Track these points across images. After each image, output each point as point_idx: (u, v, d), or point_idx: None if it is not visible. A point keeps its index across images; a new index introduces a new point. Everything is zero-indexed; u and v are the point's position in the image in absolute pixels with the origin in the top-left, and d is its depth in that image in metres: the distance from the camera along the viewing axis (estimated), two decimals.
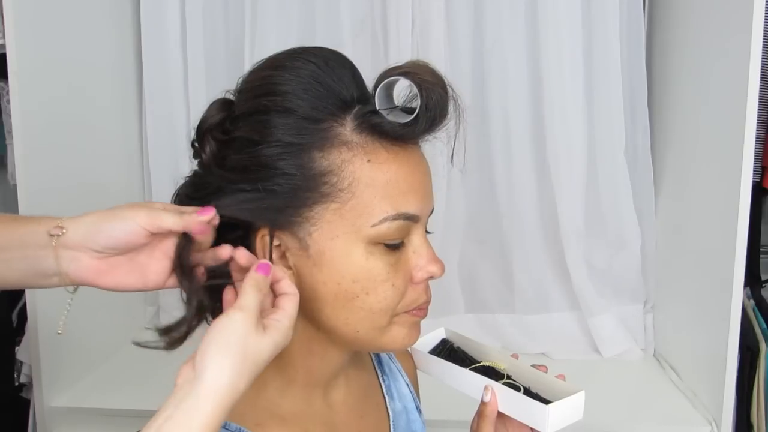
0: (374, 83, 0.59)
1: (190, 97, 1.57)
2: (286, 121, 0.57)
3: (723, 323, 1.17)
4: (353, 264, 0.58)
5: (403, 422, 0.75)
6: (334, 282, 0.58)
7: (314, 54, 0.59)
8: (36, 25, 1.21)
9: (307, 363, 0.64)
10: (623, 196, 1.51)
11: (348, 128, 0.58)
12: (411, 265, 0.61)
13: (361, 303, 0.59)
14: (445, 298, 1.54)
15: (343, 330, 0.60)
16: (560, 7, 1.44)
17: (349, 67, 0.60)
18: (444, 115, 0.57)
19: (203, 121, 0.62)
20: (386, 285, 0.59)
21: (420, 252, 0.61)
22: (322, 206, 0.57)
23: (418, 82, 0.55)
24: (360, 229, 0.57)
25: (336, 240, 0.58)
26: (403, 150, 0.59)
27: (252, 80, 0.61)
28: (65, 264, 0.57)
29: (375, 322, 0.60)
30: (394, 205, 0.58)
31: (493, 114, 1.50)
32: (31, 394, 1.33)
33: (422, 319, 0.64)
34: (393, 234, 0.58)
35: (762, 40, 1.09)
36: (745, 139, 1.11)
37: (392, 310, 0.60)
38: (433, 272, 0.61)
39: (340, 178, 0.57)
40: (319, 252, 0.58)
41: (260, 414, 0.62)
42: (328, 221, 0.58)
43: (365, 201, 0.57)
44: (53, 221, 0.58)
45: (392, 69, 0.58)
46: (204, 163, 0.62)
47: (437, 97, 0.56)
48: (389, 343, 0.62)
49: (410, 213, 0.59)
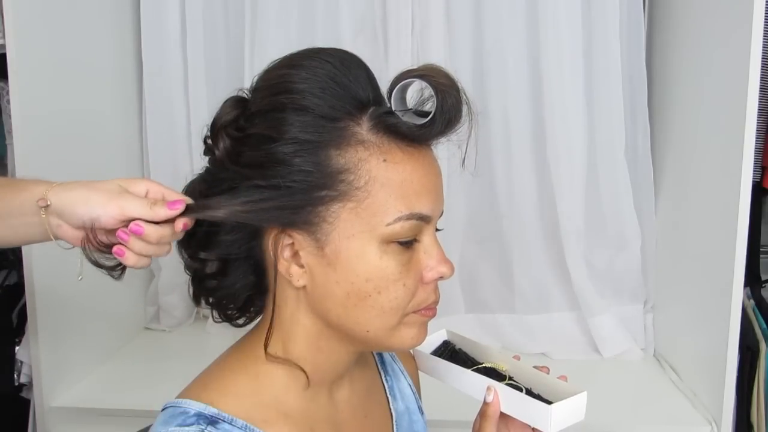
0: (389, 85, 0.59)
1: (190, 97, 1.57)
2: (303, 119, 0.57)
3: (723, 323, 1.17)
4: (367, 263, 0.58)
5: (405, 422, 0.76)
6: (348, 281, 0.59)
7: (330, 54, 0.59)
8: (36, 25, 1.21)
9: (315, 360, 0.64)
10: (623, 196, 1.51)
11: (364, 128, 0.58)
12: (422, 266, 0.61)
13: (373, 302, 0.59)
14: (445, 298, 1.52)
15: (353, 329, 0.61)
16: (560, 7, 1.44)
17: (364, 69, 0.60)
18: (458, 118, 0.58)
19: (218, 117, 0.63)
20: (398, 284, 0.59)
21: (431, 252, 0.61)
22: (339, 205, 0.58)
23: (435, 84, 0.56)
24: (375, 228, 0.58)
25: (351, 239, 0.58)
26: (417, 151, 0.59)
27: (268, 78, 0.61)
28: (53, 229, 0.64)
29: (385, 322, 0.60)
30: (408, 205, 0.58)
31: (493, 114, 1.50)
32: (31, 394, 1.33)
33: (431, 319, 0.64)
34: (406, 233, 0.59)
35: (762, 40, 1.09)
36: (745, 139, 1.11)
37: (403, 309, 0.60)
38: (444, 273, 0.62)
39: (357, 177, 0.57)
40: (334, 251, 0.59)
41: (267, 411, 0.62)
42: (345, 220, 0.58)
43: (380, 200, 0.58)
44: (41, 189, 0.64)
45: (408, 72, 0.58)
46: (217, 159, 0.62)
47: (452, 100, 0.56)
48: (398, 343, 0.62)
49: (423, 213, 0.59)
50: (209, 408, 0.60)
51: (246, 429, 0.60)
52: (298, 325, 0.63)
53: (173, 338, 1.63)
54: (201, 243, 0.63)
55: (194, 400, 0.61)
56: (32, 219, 0.64)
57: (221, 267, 0.63)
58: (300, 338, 0.63)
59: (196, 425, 0.58)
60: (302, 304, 0.62)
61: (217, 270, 0.63)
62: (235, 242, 0.62)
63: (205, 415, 0.59)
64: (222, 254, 0.62)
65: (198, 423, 0.58)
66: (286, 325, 0.64)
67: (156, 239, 0.61)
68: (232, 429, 0.59)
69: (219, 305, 0.66)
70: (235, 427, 0.59)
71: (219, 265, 0.63)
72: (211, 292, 0.65)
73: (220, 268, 0.63)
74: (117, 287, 1.71)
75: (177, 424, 0.58)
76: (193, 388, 0.63)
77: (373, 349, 0.67)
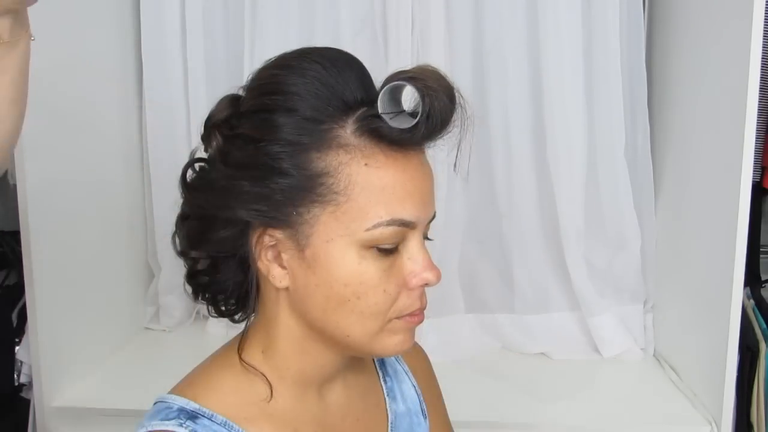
0: (380, 86, 0.58)
1: (190, 97, 1.57)
2: (287, 121, 0.57)
3: (723, 323, 1.17)
4: (345, 267, 0.58)
5: (405, 424, 0.75)
6: (327, 285, 0.58)
7: (321, 54, 0.58)
8: (36, 24, 1.21)
9: (300, 361, 0.64)
10: (623, 195, 1.51)
11: (348, 131, 0.58)
12: (406, 272, 0.60)
13: (352, 307, 0.59)
14: (445, 298, 1.54)
15: (334, 333, 0.61)
16: (560, 7, 1.44)
17: (356, 69, 0.59)
18: (446, 124, 0.57)
19: (211, 115, 0.63)
20: (378, 290, 0.59)
21: (416, 258, 0.60)
22: (319, 208, 0.57)
23: (422, 88, 0.55)
24: (354, 232, 0.57)
25: (330, 243, 0.58)
26: (403, 155, 0.58)
27: (259, 78, 0.61)
28: None
29: (366, 327, 0.60)
30: (389, 210, 0.57)
31: (493, 114, 1.50)
32: (31, 394, 1.33)
33: (417, 326, 0.63)
34: (386, 239, 0.58)
35: (762, 40, 1.09)
36: (745, 139, 1.11)
37: (383, 315, 0.60)
38: (429, 279, 0.61)
39: (337, 180, 0.57)
40: (313, 254, 0.58)
41: (249, 408, 0.62)
42: (324, 223, 0.58)
43: (360, 204, 0.57)
44: None
45: (399, 73, 0.57)
46: (209, 158, 0.62)
47: (441, 105, 0.55)
48: (381, 350, 0.62)
49: (405, 219, 0.58)
50: (191, 403, 0.60)
51: (226, 425, 0.60)
52: (282, 326, 0.63)
53: (173, 338, 1.63)
54: (192, 241, 0.63)
55: (179, 396, 0.61)
56: None
57: (212, 264, 0.63)
58: (284, 339, 0.63)
59: (177, 419, 0.59)
60: (285, 305, 0.62)
61: (209, 267, 0.64)
62: (225, 241, 0.61)
63: (186, 410, 0.60)
64: (212, 252, 0.62)
65: (179, 417, 0.59)
66: (271, 326, 0.64)
67: None
68: (211, 425, 0.59)
69: (214, 301, 0.66)
70: (215, 423, 0.60)
71: (210, 263, 0.63)
72: (204, 288, 0.65)
73: (212, 265, 0.63)
74: (117, 287, 1.71)
75: (160, 418, 0.60)
76: (181, 384, 0.64)
77: (358, 354, 0.65)
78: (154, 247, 1.64)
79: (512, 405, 1.31)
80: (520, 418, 1.26)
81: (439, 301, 1.50)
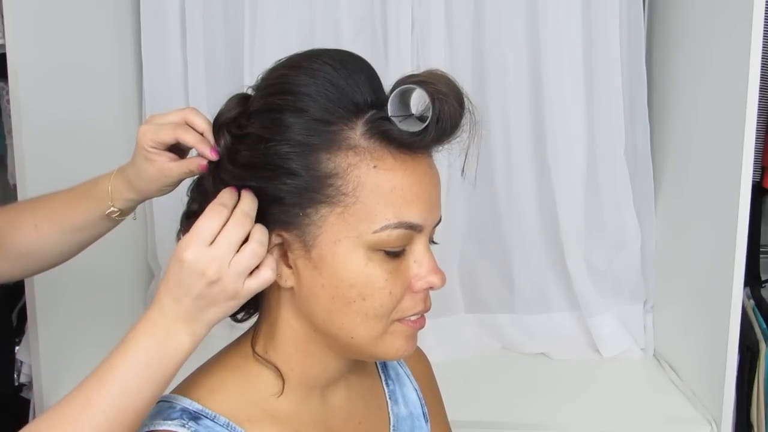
0: (390, 89, 0.59)
1: (190, 97, 1.57)
2: (297, 121, 0.57)
3: (723, 323, 1.17)
4: (352, 269, 0.58)
5: (407, 427, 0.75)
6: (332, 286, 0.58)
7: (332, 56, 0.59)
8: (36, 25, 1.21)
9: (304, 363, 0.64)
10: (623, 195, 1.51)
11: (358, 132, 0.58)
12: (411, 274, 0.60)
13: (357, 308, 0.59)
14: (445, 298, 1.54)
15: (338, 334, 0.60)
16: (560, 6, 1.44)
17: (366, 71, 0.60)
18: (455, 128, 0.57)
19: (220, 114, 0.63)
20: (383, 292, 0.59)
21: (421, 262, 0.60)
22: (327, 209, 0.58)
23: (432, 92, 0.55)
24: (362, 234, 0.57)
25: (338, 244, 0.58)
26: (411, 159, 0.59)
27: (269, 78, 0.61)
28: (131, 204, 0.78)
29: (370, 329, 0.60)
30: (397, 213, 0.57)
31: (493, 114, 1.50)
32: (31, 394, 1.33)
33: (419, 330, 0.64)
34: (394, 242, 0.58)
35: (762, 40, 1.09)
36: (745, 139, 1.11)
37: (387, 317, 0.60)
38: (434, 283, 0.61)
39: (345, 182, 0.57)
40: (320, 255, 0.58)
41: (252, 410, 0.62)
42: (332, 224, 0.58)
43: (368, 206, 0.57)
44: (103, 202, 0.76)
45: (409, 77, 0.57)
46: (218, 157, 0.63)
47: (450, 109, 0.55)
48: (384, 353, 0.62)
49: (413, 222, 0.58)
50: (194, 404, 0.61)
51: (228, 426, 0.60)
52: (286, 327, 0.63)
53: None
54: None
55: (183, 396, 0.62)
56: (105, 224, 0.79)
57: None
58: (288, 340, 0.63)
59: (179, 420, 0.59)
60: (290, 305, 0.62)
61: None
62: None
63: (189, 410, 0.60)
64: None
65: (181, 418, 0.59)
66: (275, 326, 0.64)
67: None
68: (213, 426, 0.60)
69: None
70: (218, 424, 0.60)
71: None
72: None
73: None
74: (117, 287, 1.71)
75: (162, 418, 0.60)
76: (185, 384, 0.64)
77: (360, 357, 0.65)
78: (154, 247, 1.63)
79: (512, 405, 1.31)
80: (520, 418, 1.26)
81: (439, 301, 1.48)
